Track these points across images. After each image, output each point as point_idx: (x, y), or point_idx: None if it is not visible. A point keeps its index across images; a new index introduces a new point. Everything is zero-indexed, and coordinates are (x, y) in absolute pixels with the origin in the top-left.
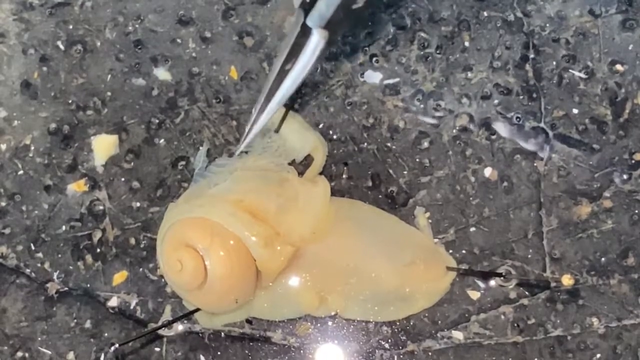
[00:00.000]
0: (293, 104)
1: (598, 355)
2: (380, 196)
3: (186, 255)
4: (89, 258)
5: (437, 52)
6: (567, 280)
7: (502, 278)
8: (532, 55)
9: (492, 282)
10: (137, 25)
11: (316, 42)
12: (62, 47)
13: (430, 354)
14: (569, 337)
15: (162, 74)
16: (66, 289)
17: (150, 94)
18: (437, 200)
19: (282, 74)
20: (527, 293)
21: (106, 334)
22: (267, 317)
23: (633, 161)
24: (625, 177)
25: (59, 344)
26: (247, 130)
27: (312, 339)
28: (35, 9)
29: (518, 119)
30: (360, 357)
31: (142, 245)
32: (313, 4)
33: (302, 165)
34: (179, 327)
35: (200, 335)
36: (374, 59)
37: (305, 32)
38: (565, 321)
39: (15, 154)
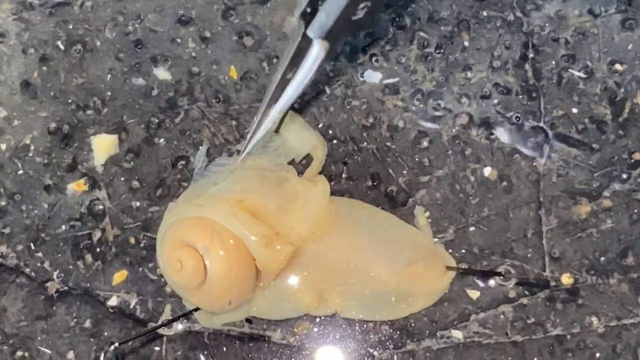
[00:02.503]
0: (293, 103)
1: (597, 355)
2: (379, 196)
3: (186, 254)
4: (88, 257)
5: (437, 51)
6: (566, 279)
7: (501, 277)
8: (531, 55)
9: (492, 282)
10: (137, 25)
11: (317, 52)
12: (62, 46)
13: (429, 353)
14: (568, 337)
15: (161, 73)
16: (66, 288)
17: (150, 93)
18: (436, 199)
19: (284, 82)
20: (526, 292)
21: (106, 333)
22: (267, 316)
23: (632, 160)
24: (624, 176)
25: (58, 343)
26: (248, 138)
27: (312, 338)
28: (35, 9)
29: (517, 119)
30: (359, 357)
31: (141, 245)
32: (314, 14)
33: (301, 165)
34: (179, 326)
35: (200, 334)
36: (374, 58)
37: (306, 42)
38: (564, 320)
39: (15, 153)
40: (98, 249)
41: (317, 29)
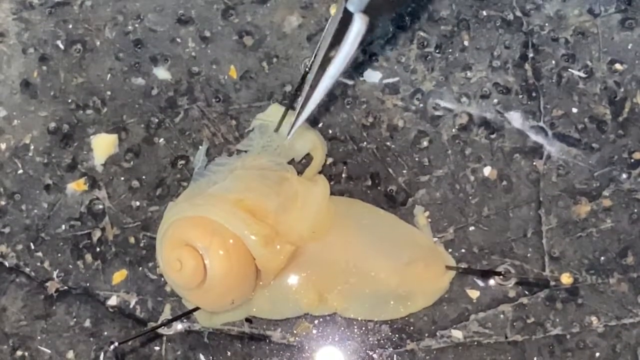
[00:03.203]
0: (293, 103)
1: (597, 354)
2: (379, 195)
3: (186, 254)
4: (88, 257)
5: (437, 51)
6: (566, 279)
7: (501, 277)
8: (531, 55)
9: (492, 281)
10: (136, 25)
11: (358, 27)
12: (61, 46)
13: (429, 353)
14: (568, 336)
15: (161, 73)
16: (66, 288)
17: (149, 93)
18: (436, 199)
19: (326, 61)
20: (526, 292)
21: (106, 333)
22: (267, 316)
23: (632, 160)
24: (624, 176)
25: (58, 343)
26: (294, 120)
27: (312, 338)
28: (35, 8)
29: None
30: (359, 356)
31: (141, 244)
32: None
33: (301, 165)
34: (179, 326)
35: (200, 334)
36: (374, 58)
37: (346, 18)
38: (564, 320)
39: (14, 153)
40: (98, 249)
41: (357, 3)
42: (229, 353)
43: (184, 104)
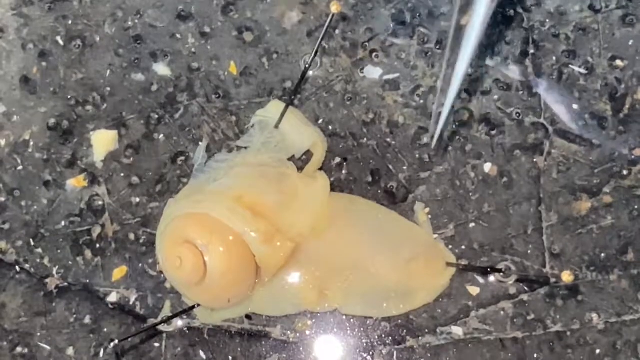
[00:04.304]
0: (292, 99)
1: (598, 351)
2: (379, 192)
3: (186, 251)
4: (88, 253)
5: (437, 47)
6: (566, 277)
7: (501, 274)
8: (532, 51)
9: (492, 278)
10: (136, 21)
11: None
12: (61, 42)
13: (429, 349)
14: (568, 333)
15: (161, 69)
16: (65, 284)
17: (149, 89)
18: (436, 195)
19: (458, 32)
20: (526, 289)
21: (105, 330)
22: (267, 312)
23: (633, 157)
24: (625, 172)
25: (58, 340)
26: (437, 109)
27: (312, 334)
28: (35, 4)
29: (518, 115)
30: (359, 353)
31: (141, 241)
32: None
33: (301, 161)
34: (179, 322)
35: (200, 330)
36: (374, 54)
37: None
38: (564, 317)
39: (14, 149)
40: (98, 245)
41: None
42: (229, 349)
43: (184, 100)
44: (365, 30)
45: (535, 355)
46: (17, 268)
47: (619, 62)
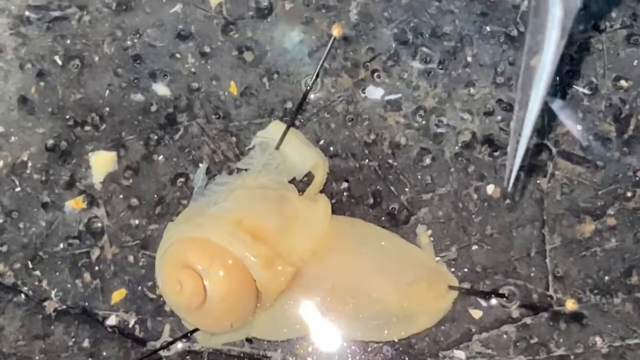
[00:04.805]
0: (293, 120)
1: None
2: (381, 214)
3: (185, 276)
4: (87, 276)
5: (440, 67)
6: (570, 305)
7: (504, 298)
8: None
9: (494, 301)
10: (135, 40)
11: (559, 14)
12: (59, 62)
13: None
14: (572, 357)
15: (161, 89)
16: (64, 307)
17: (149, 109)
18: (439, 217)
19: (529, 71)
20: (529, 312)
21: (105, 353)
22: (268, 337)
23: (637, 178)
24: (629, 194)
25: None
26: (511, 151)
27: (313, 359)
28: (33, 24)
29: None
30: None
31: (140, 263)
32: None
33: (302, 183)
34: (178, 345)
35: (200, 354)
36: (376, 74)
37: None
38: (568, 340)
39: (12, 170)
40: (96, 268)
41: None
42: None
43: (184, 121)
44: (367, 50)
45: None
46: (15, 291)
47: (623, 83)
